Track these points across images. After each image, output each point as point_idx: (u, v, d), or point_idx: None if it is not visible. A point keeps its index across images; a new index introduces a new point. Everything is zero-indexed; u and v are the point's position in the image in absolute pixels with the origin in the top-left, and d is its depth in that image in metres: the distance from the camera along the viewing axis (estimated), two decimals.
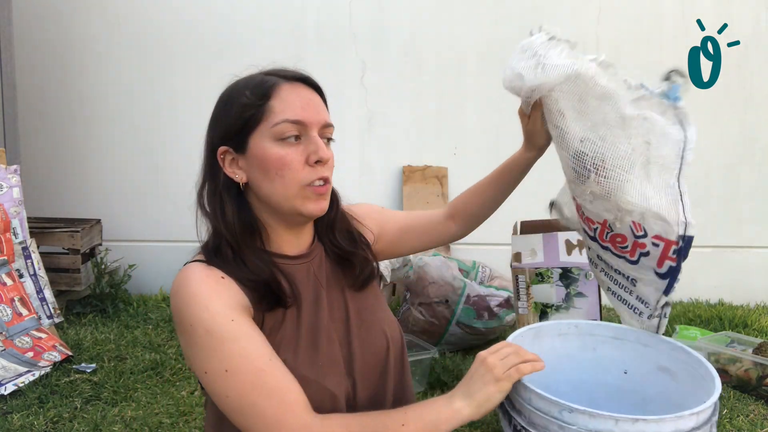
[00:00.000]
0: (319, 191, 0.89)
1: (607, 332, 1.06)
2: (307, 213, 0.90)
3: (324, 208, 0.91)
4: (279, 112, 0.88)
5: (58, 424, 1.92)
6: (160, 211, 3.43)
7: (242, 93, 0.90)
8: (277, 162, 0.87)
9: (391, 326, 1.01)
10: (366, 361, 0.95)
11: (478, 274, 2.77)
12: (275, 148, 0.87)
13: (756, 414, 2.03)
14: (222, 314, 0.81)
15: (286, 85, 0.90)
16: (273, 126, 0.87)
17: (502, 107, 3.37)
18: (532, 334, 1.03)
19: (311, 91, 0.92)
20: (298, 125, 0.88)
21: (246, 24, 3.32)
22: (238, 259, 0.89)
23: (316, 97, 0.93)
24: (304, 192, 0.88)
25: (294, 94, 0.89)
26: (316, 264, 0.98)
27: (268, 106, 0.88)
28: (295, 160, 0.88)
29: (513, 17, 3.29)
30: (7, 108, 2.92)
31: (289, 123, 0.87)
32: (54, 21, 3.33)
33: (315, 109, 0.90)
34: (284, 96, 0.89)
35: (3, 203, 2.51)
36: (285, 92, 0.89)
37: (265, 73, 0.93)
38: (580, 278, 2.13)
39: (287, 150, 0.88)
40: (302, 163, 0.88)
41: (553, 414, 0.78)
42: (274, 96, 0.88)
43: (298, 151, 0.88)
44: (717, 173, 3.35)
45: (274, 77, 0.91)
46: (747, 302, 3.30)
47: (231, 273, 0.87)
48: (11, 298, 2.44)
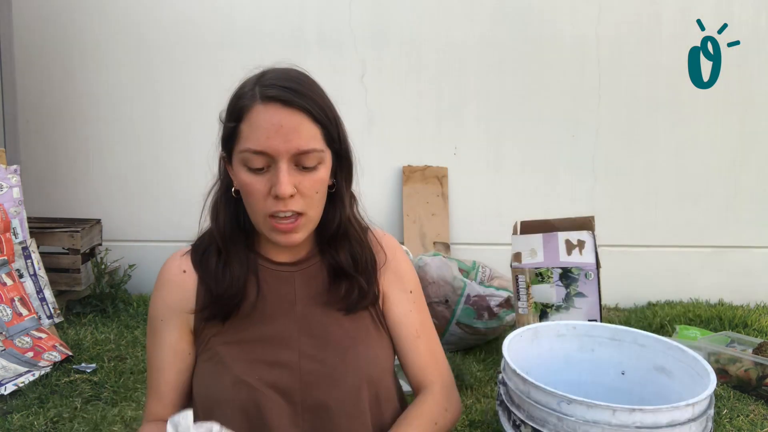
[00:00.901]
0: (282, 228, 0.86)
1: (604, 333, 1.06)
2: (274, 241, 0.88)
3: (294, 241, 0.88)
4: (245, 139, 0.84)
5: (58, 424, 1.92)
6: (160, 211, 3.43)
7: (228, 103, 0.89)
8: (245, 188, 0.86)
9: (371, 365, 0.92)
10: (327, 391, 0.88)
11: (478, 274, 2.77)
12: (243, 174, 0.86)
13: (756, 414, 2.03)
14: (158, 309, 0.94)
15: (259, 107, 0.83)
16: (240, 153, 0.85)
17: (502, 107, 3.38)
18: (531, 334, 1.04)
19: (288, 112, 0.83)
20: (261, 156, 0.83)
21: (246, 24, 3.32)
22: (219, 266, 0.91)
23: (293, 119, 0.83)
24: (268, 222, 0.86)
25: (263, 119, 0.82)
26: (307, 274, 0.95)
27: (239, 129, 0.85)
28: (257, 190, 0.85)
29: (513, 17, 3.28)
30: (7, 108, 2.93)
31: (251, 153, 0.83)
32: (54, 21, 3.33)
33: (284, 137, 0.82)
34: (253, 120, 0.83)
35: (3, 203, 2.51)
36: (255, 116, 0.83)
37: (254, 82, 0.87)
38: (580, 278, 2.13)
39: (252, 178, 0.85)
40: (265, 193, 0.84)
41: (552, 406, 0.79)
42: (244, 119, 0.84)
43: (263, 180, 0.84)
44: (717, 173, 3.35)
45: (252, 93, 0.84)
46: (747, 302, 3.30)
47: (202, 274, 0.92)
48: (11, 298, 2.44)
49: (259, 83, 0.85)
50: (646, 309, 3.21)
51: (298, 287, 0.94)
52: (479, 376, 2.30)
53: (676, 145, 3.34)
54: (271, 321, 0.91)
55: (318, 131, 0.85)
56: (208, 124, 3.84)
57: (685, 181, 3.36)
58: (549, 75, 3.31)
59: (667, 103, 3.31)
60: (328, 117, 0.87)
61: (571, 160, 3.36)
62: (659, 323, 2.85)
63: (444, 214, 3.36)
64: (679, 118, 3.32)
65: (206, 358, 0.91)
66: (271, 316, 0.91)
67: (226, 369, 0.88)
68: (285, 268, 0.94)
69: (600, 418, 0.75)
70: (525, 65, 3.30)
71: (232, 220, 0.94)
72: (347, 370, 0.90)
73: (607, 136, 3.35)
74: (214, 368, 0.90)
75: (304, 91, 0.85)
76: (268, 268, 0.94)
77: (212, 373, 0.90)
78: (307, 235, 0.91)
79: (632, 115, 3.33)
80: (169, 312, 0.93)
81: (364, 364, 0.91)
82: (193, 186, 3.96)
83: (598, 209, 3.29)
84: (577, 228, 2.16)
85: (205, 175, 3.63)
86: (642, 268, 3.40)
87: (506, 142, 3.37)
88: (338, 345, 0.91)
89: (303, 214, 0.86)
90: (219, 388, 0.88)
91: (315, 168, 0.86)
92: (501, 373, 1.07)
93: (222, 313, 0.90)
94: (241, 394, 0.86)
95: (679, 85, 3.29)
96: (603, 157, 3.36)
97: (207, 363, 0.91)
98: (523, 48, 3.30)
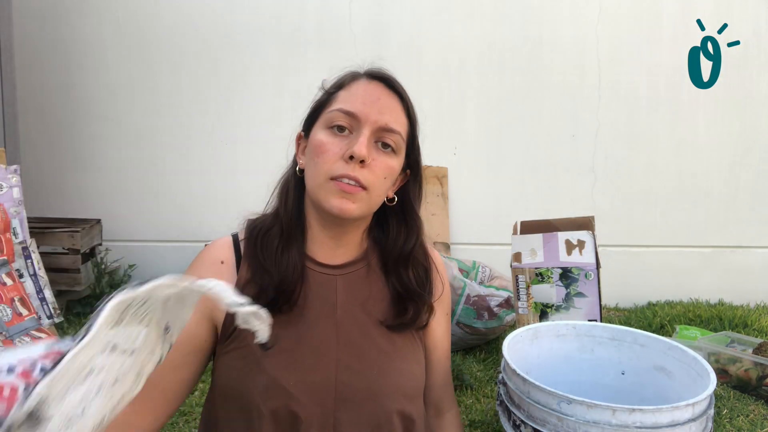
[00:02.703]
0: (343, 188, 0.83)
1: (604, 333, 1.06)
2: (327, 207, 0.84)
3: (347, 210, 0.84)
4: (339, 101, 0.87)
5: None
6: (160, 211, 3.43)
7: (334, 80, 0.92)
8: (318, 147, 0.86)
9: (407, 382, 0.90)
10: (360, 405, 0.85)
11: (478, 274, 2.77)
12: (321, 134, 0.86)
13: (756, 414, 2.02)
14: None
15: (363, 81, 0.89)
16: (328, 113, 0.87)
17: (502, 107, 3.38)
18: (531, 334, 1.04)
19: (389, 93, 0.89)
20: (349, 117, 0.85)
21: (246, 24, 3.32)
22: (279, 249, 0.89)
23: (391, 99, 0.88)
24: (329, 185, 0.84)
25: (363, 89, 0.88)
26: (350, 279, 0.92)
27: (336, 95, 0.89)
28: (332, 150, 0.84)
29: (513, 17, 3.29)
30: (7, 108, 2.92)
31: (341, 113, 0.85)
32: (54, 21, 3.33)
33: (377, 108, 0.86)
34: (354, 88, 0.88)
35: (3, 203, 2.51)
36: (357, 85, 0.88)
37: (364, 70, 0.92)
38: (580, 278, 2.13)
39: (330, 138, 0.85)
40: (338, 155, 0.84)
41: (552, 406, 0.79)
42: (345, 87, 0.89)
43: (340, 142, 0.85)
44: (717, 173, 3.35)
45: (360, 74, 0.91)
46: (747, 302, 3.30)
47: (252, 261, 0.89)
48: (11, 298, 2.44)
49: (367, 70, 0.92)
50: (646, 309, 3.21)
51: (340, 292, 0.91)
52: (479, 376, 2.30)
53: (676, 145, 3.34)
54: (311, 324, 0.88)
55: (406, 124, 0.90)
56: (208, 124, 3.83)
57: (685, 181, 3.36)
58: (549, 75, 3.31)
59: (667, 103, 3.31)
60: (416, 121, 0.94)
61: (571, 160, 3.36)
62: (659, 323, 2.85)
63: (444, 214, 3.36)
64: (679, 118, 3.32)
65: (239, 355, 0.87)
66: (311, 319, 0.88)
67: (262, 370, 0.84)
68: (328, 270, 0.92)
69: (600, 418, 0.75)
70: (525, 65, 3.30)
71: (299, 203, 0.92)
72: (383, 384, 0.87)
73: (607, 136, 3.35)
74: (248, 366, 0.86)
75: (404, 89, 0.92)
76: (311, 269, 0.91)
77: (246, 372, 0.86)
78: (362, 215, 0.87)
79: (632, 115, 3.33)
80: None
81: (400, 381, 0.89)
82: (193, 186, 3.97)
83: (598, 209, 3.29)
84: (577, 228, 2.16)
85: (204, 175, 3.63)
86: (642, 268, 3.40)
87: (506, 142, 3.37)
88: (377, 359, 0.88)
89: (366, 189, 0.84)
90: (251, 387, 0.84)
91: (391, 153, 0.88)
92: (501, 373, 1.07)
93: (276, 303, 0.86)
94: (274, 397, 0.83)
95: (679, 85, 3.29)
96: (603, 157, 3.36)
97: (240, 360, 0.87)
98: (523, 48, 3.30)
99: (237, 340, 0.88)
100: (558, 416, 0.78)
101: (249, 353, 0.86)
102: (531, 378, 0.82)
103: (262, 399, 0.83)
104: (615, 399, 1.03)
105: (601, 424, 0.74)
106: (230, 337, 0.88)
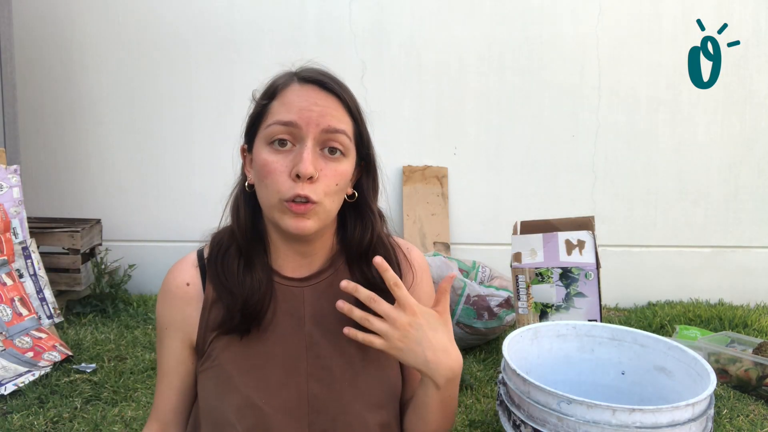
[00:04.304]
0: (295, 209, 0.80)
1: (604, 333, 1.06)
2: (284, 227, 0.82)
3: (304, 228, 0.81)
4: (275, 113, 0.82)
5: (58, 424, 1.92)
6: (160, 211, 3.43)
7: (263, 88, 0.87)
8: (263, 167, 0.82)
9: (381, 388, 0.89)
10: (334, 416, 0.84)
11: (478, 274, 2.77)
12: (264, 153, 0.82)
13: (756, 414, 2.02)
14: (161, 316, 0.92)
15: (295, 86, 0.83)
16: (266, 127, 0.82)
17: (502, 107, 3.38)
18: (531, 334, 1.03)
19: (325, 94, 0.82)
20: (288, 127, 0.80)
21: (246, 24, 3.32)
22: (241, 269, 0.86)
23: (328, 100, 0.82)
24: (281, 206, 0.81)
25: (297, 95, 0.82)
26: (317, 290, 0.90)
27: (270, 106, 0.83)
28: (278, 169, 0.80)
29: (513, 17, 3.29)
30: (7, 108, 2.92)
31: (279, 125, 0.80)
32: (54, 21, 3.33)
33: (316, 113, 0.80)
34: (287, 97, 0.82)
35: (3, 203, 2.51)
36: (290, 93, 0.82)
37: (292, 72, 0.87)
38: (580, 278, 2.13)
39: (274, 156, 0.81)
40: (284, 173, 0.80)
41: (552, 406, 0.78)
42: (278, 96, 0.83)
43: (285, 159, 0.80)
44: (717, 173, 3.35)
45: (291, 77, 0.85)
46: (747, 302, 3.30)
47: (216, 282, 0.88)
48: (11, 298, 2.44)
49: (295, 72, 0.85)
50: (646, 309, 3.21)
51: (307, 304, 0.89)
52: (479, 376, 2.30)
53: (676, 145, 3.34)
54: (280, 340, 0.87)
55: (350, 122, 0.84)
56: (208, 124, 3.83)
57: (685, 181, 3.36)
58: (549, 75, 3.31)
59: (667, 103, 3.31)
60: (360, 114, 0.86)
61: (571, 160, 3.36)
62: (659, 323, 2.85)
63: (444, 214, 3.36)
64: (679, 118, 3.32)
65: (212, 375, 0.87)
66: (280, 335, 0.87)
67: (234, 389, 0.84)
68: (294, 283, 0.89)
69: (600, 418, 0.75)
70: (525, 65, 3.30)
71: (252, 216, 0.89)
72: (356, 394, 0.86)
73: (607, 136, 3.35)
74: (221, 386, 0.86)
75: (341, 83, 0.85)
76: (278, 283, 0.89)
77: (219, 392, 0.86)
78: (320, 227, 0.84)
79: (632, 115, 3.33)
80: (170, 323, 0.91)
81: (372, 390, 0.88)
82: (193, 186, 3.97)
83: (598, 209, 3.30)
84: (577, 228, 2.16)
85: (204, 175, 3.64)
86: (642, 268, 3.41)
87: (506, 142, 3.37)
88: (347, 369, 0.87)
89: (318, 203, 0.81)
90: (225, 407, 0.85)
91: (340, 158, 0.83)
92: (501, 373, 1.07)
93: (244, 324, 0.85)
94: (248, 416, 0.83)
95: (679, 85, 3.29)
96: (603, 157, 3.36)
97: (213, 380, 0.87)
98: (523, 48, 3.30)
99: (210, 360, 0.88)
100: (558, 416, 0.78)
101: (221, 373, 0.86)
102: (531, 378, 0.82)
103: (237, 418, 0.83)
104: (615, 399, 1.03)
105: (601, 424, 0.74)
106: (204, 356, 0.89)
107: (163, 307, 0.92)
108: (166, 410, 0.94)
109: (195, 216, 3.36)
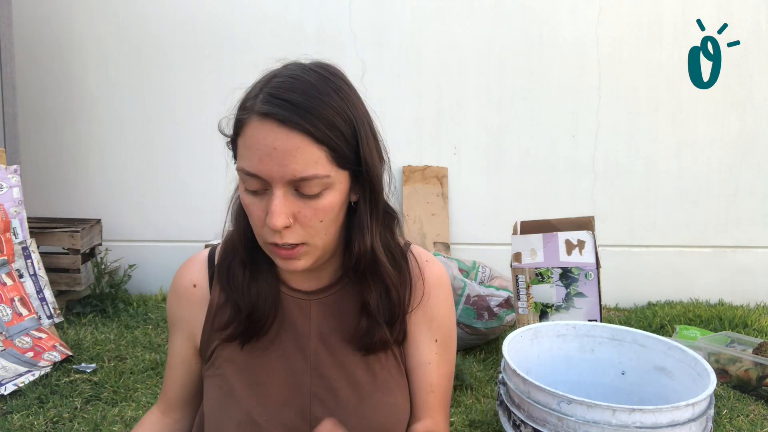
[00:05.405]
0: (281, 254, 0.76)
1: (604, 333, 1.06)
2: (281, 268, 0.81)
3: (296, 268, 0.78)
4: (241, 157, 0.75)
5: (58, 424, 1.92)
6: (160, 211, 3.43)
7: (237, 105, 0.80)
8: (245, 208, 0.78)
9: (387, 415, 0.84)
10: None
11: (478, 274, 2.77)
12: (243, 194, 0.78)
13: (756, 414, 2.03)
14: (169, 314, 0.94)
15: (254, 124, 0.72)
16: (238, 170, 0.76)
17: (502, 107, 3.38)
18: (531, 334, 1.03)
19: (284, 132, 0.71)
20: (255, 179, 0.73)
21: (246, 24, 3.32)
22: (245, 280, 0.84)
23: (289, 141, 0.71)
24: (268, 248, 0.78)
25: (256, 139, 0.72)
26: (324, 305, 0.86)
27: (237, 143, 0.76)
28: (256, 213, 0.76)
29: (513, 17, 3.29)
30: (7, 108, 2.92)
31: (245, 174, 0.74)
32: (54, 21, 3.33)
33: (278, 161, 0.71)
34: (248, 138, 0.73)
35: (3, 203, 2.51)
36: (249, 133, 0.73)
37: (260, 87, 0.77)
38: (580, 278, 2.13)
39: (251, 200, 0.76)
40: (262, 219, 0.75)
41: (552, 406, 0.78)
42: (241, 133, 0.75)
43: (261, 202, 0.75)
44: (717, 173, 3.35)
45: (252, 104, 0.74)
46: (747, 302, 3.30)
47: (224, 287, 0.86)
48: (11, 298, 2.44)
49: (263, 91, 0.75)
50: (646, 309, 3.21)
51: (314, 319, 0.86)
52: (479, 376, 2.30)
53: (676, 145, 3.34)
54: (285, 354, 0.85)
55: (322, 154, 0.73)
56: (208, 124, 3.82)
57: (685, 181, 3.36)
58: (549, 75, 3.31)
59: (667, 103, 3.31)
60: (339, 135, 0.74)
61: (571, 160, 3.36)
62: (659, 323, 2.85)
63: (444, 214, 3.36)
64: (679, 118, 3.32)
65: (215, 384, 0.86)
66: (284, 349, 0.85)
67: (236, 404, 0.83)
68: (301, 295, 0.86)
69: (600, 418, 0.75)
70: (525, 65, 3.30)
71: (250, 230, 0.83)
72: (360, 420, 0.82)
73: (607, 136, 3.35)
74: (223, 398, 0.84)
75: (310, 106, 0.72)
76: (285, 293, 0.86)
77: (221, 405, 0.84)
78: (315, 262, 0.80)
79: (632, 115, 3.33)
80: (176, 321, 0.92)
81: (377, 417, 0.83)
82: (193, 186, 3.97)
83: (598, 209, 3.30)
84: (577, 228, 2.16)
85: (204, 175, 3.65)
86: (642, 268, 3.41)
87: (506, 142, 3.37)
88: (352, 394, 0.83)
89: (304, 244, 0.76)
90: (227, 422, 0.84)
91: (319, 195, 0.74)
92: (501, 373, 1.07)
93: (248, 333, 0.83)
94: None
95: (679, 85, 3.29)
96: (603, 157, 3.36)
97: (216, 389, 0.86)
98: (523, 48, 3.30)
99: (213, 367, 0.87)
100: (558, 416, 0.78)
101: (223, 383, 0.85)
102: (531, 378, 0.82)
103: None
104: (615, 399, 1.03)
105: (601, 424, 0.74)
106: (209, 361, 0.88)
107: (170, 304, 0.93)
108: (171, 398, 0.96)
109: (195, 216, 3.36)
